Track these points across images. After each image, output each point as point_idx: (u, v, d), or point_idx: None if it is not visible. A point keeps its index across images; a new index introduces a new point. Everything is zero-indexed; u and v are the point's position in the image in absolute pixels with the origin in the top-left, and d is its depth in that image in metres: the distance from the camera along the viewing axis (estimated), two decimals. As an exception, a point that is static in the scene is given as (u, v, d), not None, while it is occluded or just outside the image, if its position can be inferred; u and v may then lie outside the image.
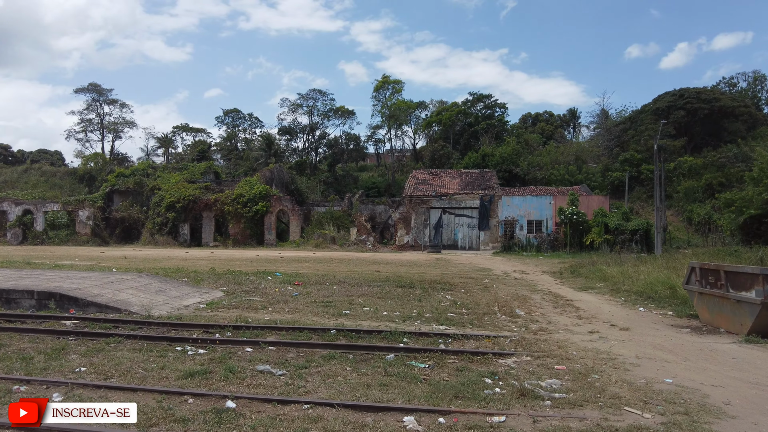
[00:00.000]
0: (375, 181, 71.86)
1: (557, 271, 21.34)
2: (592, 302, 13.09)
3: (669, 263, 19.71)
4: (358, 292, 14.23)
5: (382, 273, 19.67)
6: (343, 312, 11.12)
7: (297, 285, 15.95)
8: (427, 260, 27.45)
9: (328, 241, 41.53)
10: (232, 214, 43.28)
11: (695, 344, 8.16)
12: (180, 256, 28.86)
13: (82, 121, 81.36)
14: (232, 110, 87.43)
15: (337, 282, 16.29)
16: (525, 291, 15.22)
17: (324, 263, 24.00)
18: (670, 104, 68.40)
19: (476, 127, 73.72)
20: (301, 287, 15.14)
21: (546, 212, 39.34)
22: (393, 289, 14.93)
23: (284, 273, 18.99)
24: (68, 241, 46.30)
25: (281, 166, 51.97)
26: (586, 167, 58.37)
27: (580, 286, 16.73)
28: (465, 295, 13.98)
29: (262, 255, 30.13)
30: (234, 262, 24.40)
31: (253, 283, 16.15)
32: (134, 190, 49.54)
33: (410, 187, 43.81)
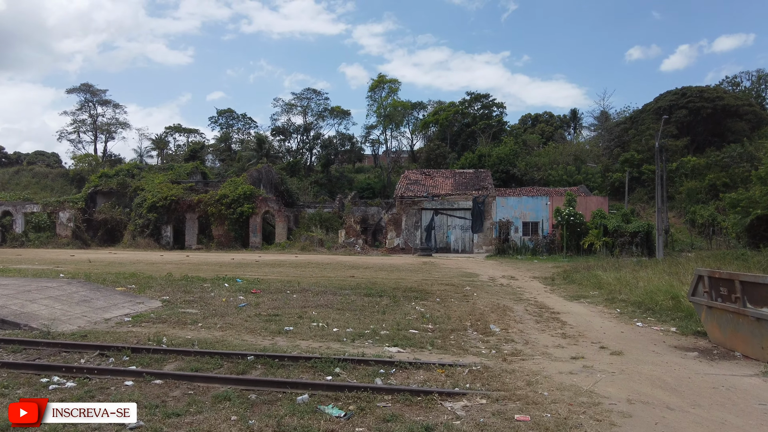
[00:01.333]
0: (370, 182, 70.14)
1: (549, 277, 19.56)
2: (582, 315, 11.32)
3: (671, 268, 17.96)
4: (317, 302, 12.48)
5: (357, 279, 17.94)
6: (285, 329, 9.38)
7: (254, 293, 14.25)
8: (414, 264, 25.70)
9: (316, 243, 39.81)
10: (215, 216, 41.57)
11: (707, 378, 6.37)
12: (151, 260, 27.14)
13: (75, 121, 79.87)
14: (226, 111, 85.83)
15: (300, 290, 14.54)
16: (508, 300, 13.45)
17: (299, 268, 22.26)
18: (672, 103, 66.63)
19: (473, 127, 72.01)
20: (254, 296, 13.40)
21: (542, 214, 37.56)
22: (359, 298, 13.18)
23: (248, 279, 17.26)
24: (48, 244, 44.64)
25: (270, 166, 50.24)
26: (585, 167, 56.60)
27: (572, 294, 14.94)
28: (438, 306, 12.22)
29: (240, 258, 28.40)
30: (202, 267, 22.68)
31: (204, 291, 14.41)
32: (118, 190, 47.90)
33: (401, 187, 42.08)
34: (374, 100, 74.64)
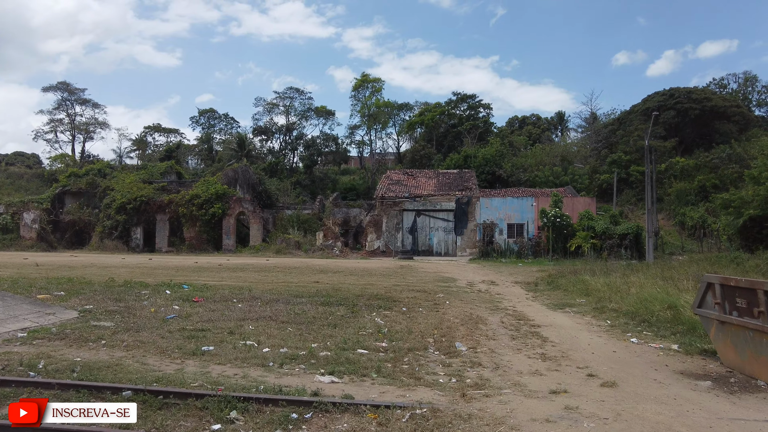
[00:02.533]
0: (354, 183, 68.43)
1: (532, 282, 17.96)
2: (567, 329, 9.68)
3: (664, 273, 16.47)
4: (261, 313, 10.74)
5: (321, 285, 16.21)
6: (204, 349, 7.65)
7: (195, 302, 12.50)
8: (390, 268, 24.00)
9: (292, 246, 37.99)
10: (186, 217, 39.59)
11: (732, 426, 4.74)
12: (108, 263, 25.19)
13: (52, 121, 77.31)
14: (208, 110, 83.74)
15: (249, 298, 12.78)
16: (483, 310, 11.80)
17: (263, 272, 20.46)
18: (660, 104, 65.72)
19: (460, 128, 70.64)
20: (192, 306, 11.63)
21: (527, 215, 36.06)
22: (313, 308, 11.46)
23: (197, 285, 15.46)
24: (11, 246, 42.31)
25: (247, 166, 48.30)
26: (572, 168, 55.30)
27: (556, 302, 13.33)
28: (401, 317, 10.54)
29: (205, 262, 26.53)
30: (157, 271, 20.81)
31: (139, 299, 12.61)
32: (87, 191, 45.69)
33: (383, 187, 40.42)
34: (358, 100, 73.06)
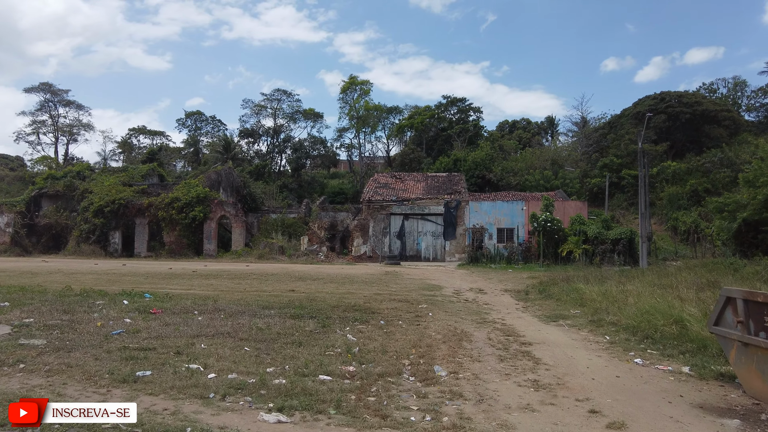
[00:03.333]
0: (343, 187, 67.31)
1: (523, 290, 16.90)
2: (562, 347, 8.61)
3: (661, 280, 15.52)
4: (219, 328, 9.58)
5: (296, 294, 15.06)
6: (139, 374, 6.49)
7: (152, 313, 11.33)
8: (374, 275, 22.87)
9: (276, 251, 36.76)
10: (166, 221, 38.25)
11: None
12: (76, 269, 23.86)
13: (34, 122, 75.50)
14: (195, 113, 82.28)
15: (212, 310, 11.61)
16: (468, 323, 10.72)
17: (237, 279, 19.25)
18: (651, 108, 65.13)
19: (449, 131, 69.81)
20: (147, 318, 10.44)
21: (518, 219, 35.11)
22: (280, 321, 10.33)
23: (160, 294, 14.25)
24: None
25: (231, 168, 46.97)
26: (563, 172, 54.53)
27: (548, 313, 12.28)
28: (378, 333, 9.42)
29: (180, 268, 25.25)
30: (125, 279, 19.56)
31: (90, 310, 11.41)
32: (65, 193, 44.18)
33: (370, 190, 39.32)
34: (346, 102, 71.98)
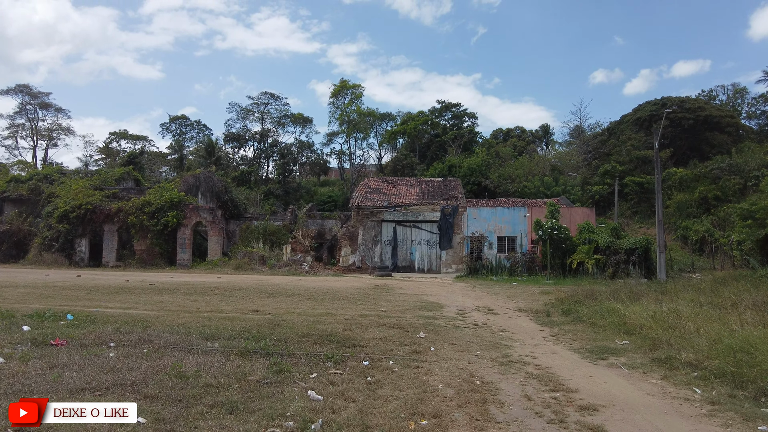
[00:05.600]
0: (332, 194, 64.17)
1: (542, 310, 13.85)
2: (642, 412, 5.56)
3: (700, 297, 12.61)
4: (128, 374, 6.46)
5: (260, 315, 11.93)
6: None
7: (54, 345, 8.23)
8: (361, 289, 19.74)
9: (255, 261, 33.50)
10: (137, 228, 34.91)
11: None
12: (20, 281, 20.53)
13: (12, 125, 71.85)
14: (179, 117, 79.03)
15: (137, 341, 8.48)
16: (488, 365, 7.64)
17: (195, 295, 16.04)
18: (652, 113, 62.96)
19: (443, 137, 67.04)
20: (20, 361, 7.27)
21: (520, 227, 32.17)
22: (222, 360, 7.22)
23: (85, 315, 11.07)
24: (-65, 260, 37.15)
25: (211, 172, 43.75)
26: (563, 178, 51.78)
27: (589, 345, 9.24)
28: (357, 384, 6.33)
29: (138, 280, 21.97)
30: (65, 292, 16.35)
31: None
32: (29, 198, 40.76)
33: (359, 196, 36.25)
34: (337, 107, 68.96)
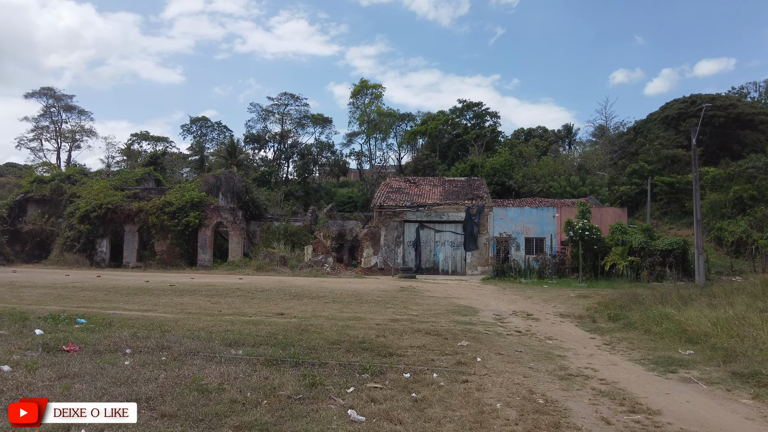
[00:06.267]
0: (352, 195, 63.49)
1: (585, 315, 12.89)
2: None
3: (756, 302, 11.53)
4: (144, 387, 5.76)
5: (286, 319, 11.20)
6: None
7: (66, 351, 7.60)
8: (387, 291, 18.94)
9: (276, 262, 32.90)
10: (157, 228, 34.58)
11: None
12: (39, 282, 20.17)
13: (36, 128, 72.89)
14: (200, 118, 79.24)
15: (154, 347, 7.80)
16: (546, 379, 6.78)
17: (217, 297, 15.39)
18: (680, 111, 61.15)
19: (465, 137, 65.91)
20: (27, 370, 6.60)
21: (549, 228, 31.07)
22: (248, 371, 6.48)
23: (101, 318, 10.44)
24: (-40, 260, 37.31)
25: (232, 172, 43.40)
26: (591, 178, 50.36)
27: (651, 356, 8.31)
28: (402, 401, 5.53)
29: (158, 281, 21.47)
30: (81, 294, 15.85)
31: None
32: (51, 198, 40.79)
33: (381, 195, 35.46)
34: (357, 107, 68.28)
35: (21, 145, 74.41)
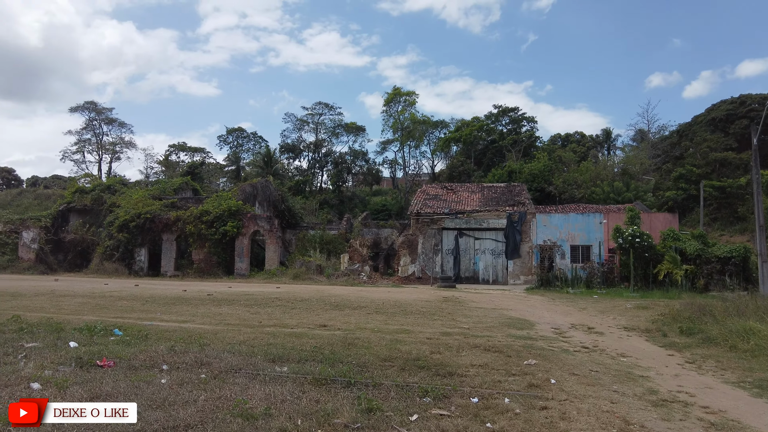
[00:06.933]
0: (386, 203, 62.84)
1: (653, 329, 11.78)
2: None
3: None
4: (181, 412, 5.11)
5: (329, 331, 10.51)
6: None
7: (100, 366, 7.07)
8: (430, 301, 18.08)
9: (313, 270, 32.43)
10: (195, 237, 34.58)
11: None
12: (79, 291, 20.08)
13: (79, 141, 75.11)
14: (236, 129, 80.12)
15: (193, 363, 7.20)
16: (638, 405, 5.85)
17: (256, 307, 14.83)
18: (729, 113, 58.49)
19: (501, 143, 64.54)
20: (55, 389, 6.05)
21: (595, 235, 29.69)
22: (296, 391, 5.78)
23: (137, 330, 9.95)
24: (7, 268, 38.13)
25: (268, 181, 43.32)
26: (635, 183, 48.40)
27: (749, 377, 7.26)
28: None
29: (195, 290, 21.14)
30: (119, 303, 15.53)
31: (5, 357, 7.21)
32: (92, 207, 41.45)
33: (418, 202, 34.66)
34: (390, 115, 67.76)
35: (65, 158, 76.55)
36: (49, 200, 67.91)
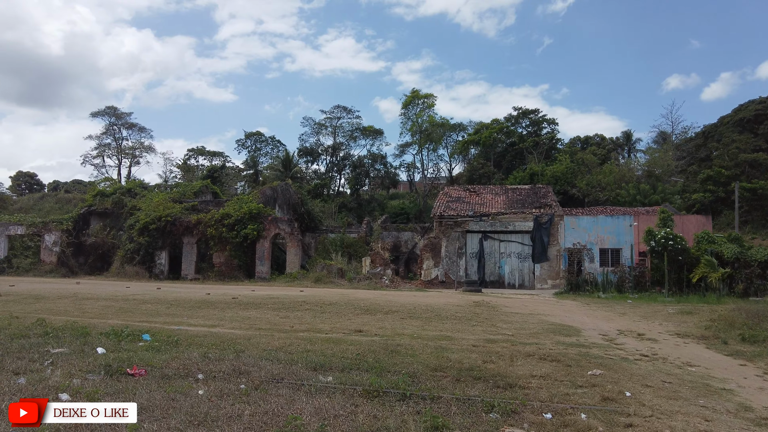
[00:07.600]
0: (404, 206, 62.27)
1: (709, 335, 11.03)
2: None
3: None
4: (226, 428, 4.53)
5: (367, 336, 9.95)
6: None
7: (131, 375, 6.58)
8: (461, 306, 17.42)
9: (334, 274, 31.94)
10: (215, 240, 34.30)
11: None
12: (101, 294, 19.77)
13: (99, 145, 75.81)
14: (254, 133, 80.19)
15: (230, 372, 6.68)
16: (738, 425, 5.20)
17: (284, 311, 14.33)
18: (757, 113, 56.85)
19: (521, 145, 63.62)
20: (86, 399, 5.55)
21: (625, 238, 28.78)
22: (347, 405, 5.22)
23: (166, 335, 9.47)
24: (30, 271, 38.25)
25: (288, 184, 43.02)
26: (662, 186, 47.23)
27: None
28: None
29: (219, 293, 20.73)
30: (143, 307, 15.13)
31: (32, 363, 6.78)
32: (113, 211, 41.46)
33: (441, 205, 34.03)
34: (408, 118, 67.15)
35: (86, 162, 77.23)
36: (69, 204, 68.53)
